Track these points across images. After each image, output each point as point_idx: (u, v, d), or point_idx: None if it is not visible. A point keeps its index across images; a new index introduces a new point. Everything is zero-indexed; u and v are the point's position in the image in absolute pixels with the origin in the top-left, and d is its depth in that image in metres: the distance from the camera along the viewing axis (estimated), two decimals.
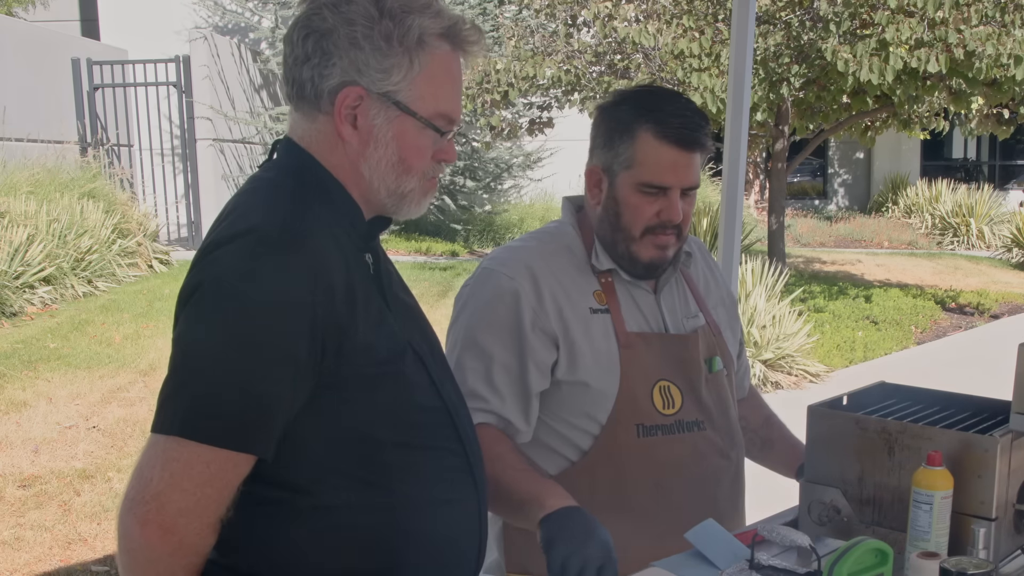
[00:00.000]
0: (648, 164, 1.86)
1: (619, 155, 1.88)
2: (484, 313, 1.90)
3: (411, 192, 1.46)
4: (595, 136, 1.95)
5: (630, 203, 1.88)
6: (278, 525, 1.38)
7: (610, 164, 1.90)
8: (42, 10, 17.91)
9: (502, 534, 1.97)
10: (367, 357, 1.38)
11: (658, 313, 1.97)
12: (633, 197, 1.88)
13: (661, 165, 1.86)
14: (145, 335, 7.73)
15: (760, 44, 9.23)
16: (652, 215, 1.88)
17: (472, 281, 1.96)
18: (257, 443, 1.32)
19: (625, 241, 1.90)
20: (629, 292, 1.95)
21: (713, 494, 1.96)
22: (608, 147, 1.90)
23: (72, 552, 4.24)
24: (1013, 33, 8.35)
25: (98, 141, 12.22)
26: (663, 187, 1.87)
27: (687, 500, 1.91)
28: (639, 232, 1.89)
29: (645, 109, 1.88)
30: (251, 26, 14.93)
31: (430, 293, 9.73)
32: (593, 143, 1.95)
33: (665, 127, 1.85)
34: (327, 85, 1.40)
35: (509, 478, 1.75)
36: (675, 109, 1.88)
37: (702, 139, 1.88)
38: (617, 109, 1.92)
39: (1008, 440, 1.66)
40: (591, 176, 1.95)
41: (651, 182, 1.86)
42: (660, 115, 1.86)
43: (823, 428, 1.80)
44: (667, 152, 1.85)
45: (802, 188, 22.40)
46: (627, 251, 1.91)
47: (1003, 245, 15.46)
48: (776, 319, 7.45)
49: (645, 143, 1.86)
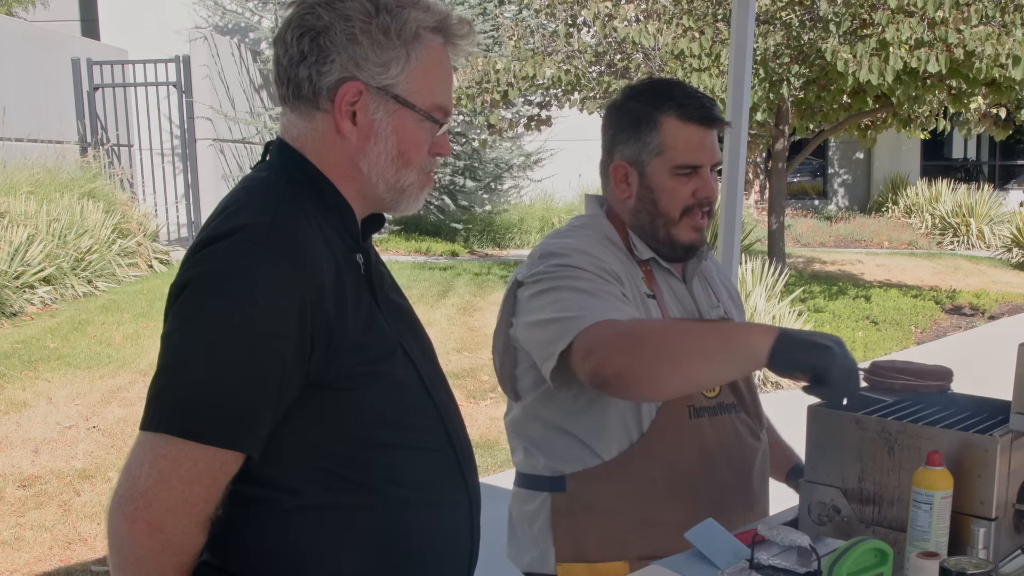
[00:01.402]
0: (678, 146, 1.93)
1: (647, 144, 1.94)
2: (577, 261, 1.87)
3: (410, 186, 1.47)
4: (614, 133, 2.00)
5: (666, 188, 1.95)
6: (267, 525, 1.38)
7: (638, 155, 1.96)
8: (42, 10, 17.92)
9: (550, 525, 1.96)
10: (356, 357, 1.38)
11: (691, 301, 2.03)
12: (668, 181, 1.94)
13: (691, 145, 1.93)
14: (145, 335, 7.73)
15: (760, 44, 9.23)
16: (688, 195, 1.94)
17: (534, 263, 1.92)
18: (245, 441, 1.31)
19: (665, 226, 1.96)
20: (666, 281, 2.01)
21: (750, 473, 2.02)
22: (633, 140, 1.96)
23: (72, 552, 4.24)
24: (1013, 33, 8.35)
25: (98, 141, 12.23)
26: (696, 166, 1.94)
27: (731, 480, 1.97)
28: (678, 214, 1.95)
29: (662, 97, 1.95)
30: (251, 26, 14.95)
31: (430, 293, 9.72)
32: (612, 140, 2.00)
33: (686, 109, 1.93)
34: (325, 82, 1.40)
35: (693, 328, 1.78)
36: (688, 92, 1.97)
37: (719, 115, 1.97)
38: (632, 103, 1.98)
39: (1008, 440, 1.66)
40: (617, 172, 1.99)
41: (684, 163, 1.93)
42: (678, 99, 1.94)
43: (823, 428, 1.80)
44: (694, 132, 1.93)
45: (802, 188, 22.40)
46: (667, 236, 1.97)
47: (1003, 245, 15.47)
48: (776, 319, 7.46)
49: (671, 127, 1.93)
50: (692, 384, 1.78)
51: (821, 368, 1.55)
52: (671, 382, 1.70)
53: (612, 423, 1.92)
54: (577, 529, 1.94)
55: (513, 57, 10.42)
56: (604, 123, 2.03)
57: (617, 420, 1.92)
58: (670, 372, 1.67)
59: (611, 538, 1.93)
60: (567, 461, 1.95)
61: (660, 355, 1.67)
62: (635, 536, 1.92)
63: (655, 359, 1.67)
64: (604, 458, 1.92)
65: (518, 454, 2.05)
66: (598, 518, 1.93)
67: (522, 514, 2.02)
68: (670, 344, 1.68)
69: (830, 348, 1.55)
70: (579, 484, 1.94)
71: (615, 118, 2.00)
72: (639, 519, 1.92)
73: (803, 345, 1.57)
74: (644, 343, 1.69)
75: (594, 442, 1.93)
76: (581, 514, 1.94)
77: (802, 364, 1.57)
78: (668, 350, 1.67)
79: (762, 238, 12.66)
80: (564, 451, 1.96)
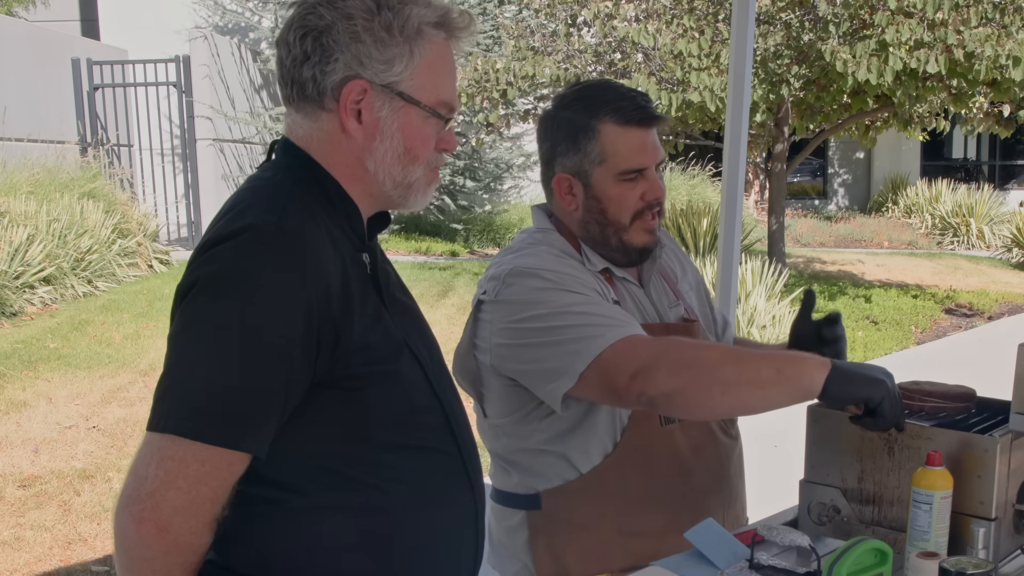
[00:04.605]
0: (620, 152, 1.88)
1: (587, 154, 1.89)
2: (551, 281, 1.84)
3: (416, 182, 1.47)
4: (552, 144, 1.94)
5: (613, 195, 1.90)
6: (273, 524, 1.39)
7: (580, 165, 1.90)
8: (42, 10, 17.91)
9: (529, 542, 1.95)
10: (362, 356, 1.38)
11: (650, 305, 2.00)
12: (615, 188, 1.89)
13: (632, 148, 1.88)
14: (145, 335, 7.73)
15: (760, 44, 9.23)
16: (636, 199, 1.90)
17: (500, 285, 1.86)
18: (252, 441, 1.32)
19: (617, 233, 1.92)
20: (624, 287, 1.97)
21: (727, 472, 2.01)
22: (572, 150, 1.90)
23: (72, 552, 4.24)
24: (1014, 35, 8.34)
25: (98, 141, 12.22)
26: (640, 169, 1.89)
27: (708, 483, 1.96)
28: (629, 220, 1.91)
29: (597, 103, 1.89)
30: (251, 26, 14.94)
31: (430, 293, 9.72)
32: (552, 152, 1.94)
33: (623, 112, 1.87)
34: (330, 82, 1.40)
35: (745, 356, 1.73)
36: (622, 94, 1.91)
37: (656, 112, 1.92)
38: (566, 112, 1.92)
39: (1008, 440, 1.66)
40: (560, 184, 1.94)
41: (629, 167, 1.88)
42: (613, 103, 1.88)
43: (823, 428, 1.81)
44: (634, 134, 1.88)
45: (802, 188, 22.39)
46: (620, 242, 1.92)
47: (1003, 245, 15.46)
48: (776, 319, 7.46)
49: (610, 133, 1.88)
50: (744, 410, 1.81)
51: (875, 402, 1.59)
52: (723, 407, 1.74)
53: (598, 436, 1.90)
54: (556, 545, 1.92)
55: (513, 57, 10.41)
56: (539, 135, 1.98)
57: (604, 432, 1.90)
58: (722, 398, 1.69)
59: (591, 551, 1.91)
60: (543, 478, 1.93)
61: (713, 381, 1.68)
62: (615, 547, 1.90)
63: (709, 385, 1.68)
64: (582, 471, 1.90)
65: (493, 466, 2.03)
66: (576, 532, 1.91)
67: (501, 529, 2.01)
68: (722, 371, 1.68)
69: (883, 382, 1.59)
70: (554, 500, 1.92)
71: (551, 129, 1.94)
72: (617, 530, 1.90)
73: (857, 379, 1.60)
74: (696, 368, 1.69)
75: (577, 457, 1.89)
76: (559, 530, 1.92)
77: (856, 397, 1.60)
78: (722, 377, 1.67)
79: (762, 238, 12.66)
80: (541, 468, 1.93)
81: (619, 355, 1.70)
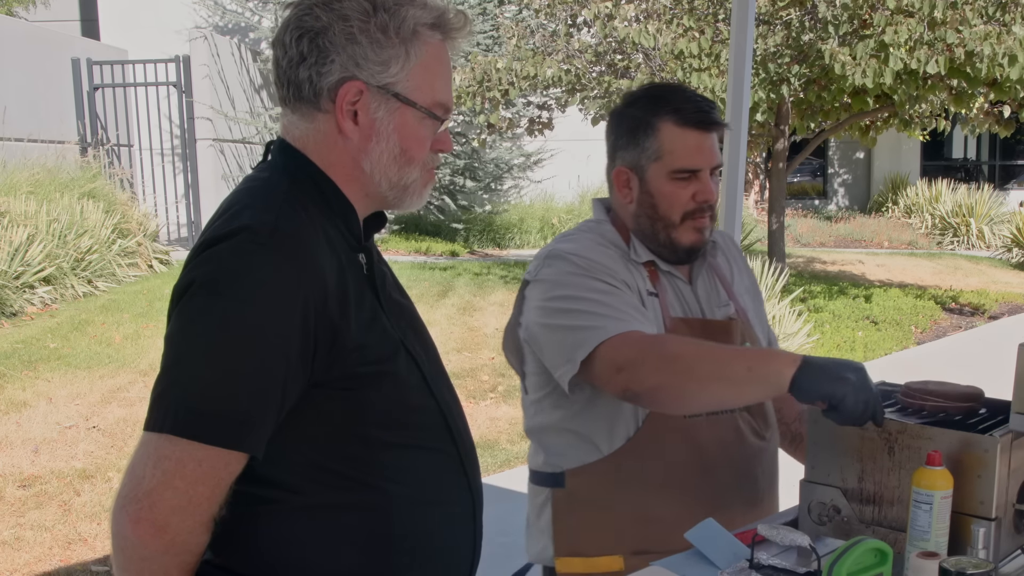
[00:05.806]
0: (676, 151, 1.95)
1: (645, 150, 1.97)
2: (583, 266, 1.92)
3: (413, 183, 1.48)
4: (615, 139, 2.03)
5: (665, 192, 1.97)
6: (271, 524, 1.39)
7: (637, 161, 1.98)
8: (42, 10, 17.91)
9: (551, 520, 2.01)
10: (359, 356, 1.38)
11: (695, 301, 2.05)
12: (667, 186, 1.96)
13: (688, 149, 1.95)
14: (145, 335, 7.73)
15: (760, 44, 9.23)
16: (688, 199, 1.96)
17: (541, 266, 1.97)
18: (249, 441, 1.32)
19: (666, 229, 1.98)
20: (668, 281, 2.03)
21: (754, 474, 2.04)
22: (632, 145, 1.98)
23: (72, 552, 4.24)
24: (1014, 32, 8.34)
25: (98, 141, 12.23)
26: (694, 170, 1.95)
27: (730, 479, 1.99)
28: (678, 218, 1.97)
29: (660, 102, 1.97)
30: (251, 26, 14.95)
31: (430, 293, 9.72)
32: (613, 146, 2.04)
33: (683, 113, 1.95)
34: (326, 83, 1.40)
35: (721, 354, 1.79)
36: (686, 96, 1.99)
37: (718, 118, 1.98)
38: (631, 109, 2.01)
39: (1008, 440, 1.66)
40: (619, 177, 2.02)
41: (682, 167, 1.95)
42: (675, 104, 1.96)
43: (823, 428, 1.80)
44: (691, 136, 1.95)
45: (802, 188, 22.40)
46: (668, 239, 1.99)
47: (1003, 245, 15.47)
48: (776, 319, 7.46)
49: (668, 132, 1.95)
50: (720, 404, 1.90)
51: (837, 398, 1.61)
52: (699, 402, 1.83)
53: (624, 420, 1.96)
54: (575, 524, 1.99)
55: (513, 57, 10.41)
56: (607, 130, 2.07)
57: (630, 415, 1.96)
58: (698, 393, 1.78)
59: (606, 532, 1.96)
60: (566, 457, 2.00)
61: (689, 377, 1.76)
62: (629, 530, 1.95)
63: (685, 381, 1.77)
64: (604, 452, 1.96)
65: (531, 448, 2.11)
66: (594, 512, 1.97)
67: (532, 507, 2.09)
68: (699, 368, 1.76)
69: (847, 379, 1.61)
70: (577, 480, 1.98)
71: (615, 124, 2.03)
72: (633, 514, 1.95)
73: (823, 375, 1.63)
74: (674, 364, 1.77)
75: (600, 437, 1.96)
76: (579, 509, 1.98)
77: (821, 393, 1.63)
78: (696, 373, 1.76)
79: (762, 238, 12.66)
80: (564, 448, 2.00)
81: (613, 349, 1.79)
